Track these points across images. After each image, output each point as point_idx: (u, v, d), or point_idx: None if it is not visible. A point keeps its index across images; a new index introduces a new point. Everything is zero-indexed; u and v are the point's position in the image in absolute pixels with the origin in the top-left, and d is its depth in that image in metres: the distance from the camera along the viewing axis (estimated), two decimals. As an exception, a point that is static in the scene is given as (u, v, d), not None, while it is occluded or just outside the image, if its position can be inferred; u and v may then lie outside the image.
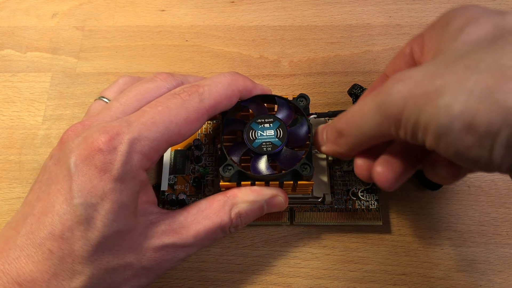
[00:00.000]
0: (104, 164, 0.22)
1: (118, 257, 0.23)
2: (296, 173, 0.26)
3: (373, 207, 0.30)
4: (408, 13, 0.39)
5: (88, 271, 0.22)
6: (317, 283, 0.29)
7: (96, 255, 0.22)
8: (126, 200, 0.23)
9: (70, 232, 0.22)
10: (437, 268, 0.29)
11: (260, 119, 0.27)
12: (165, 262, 0.24)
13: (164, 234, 0.24)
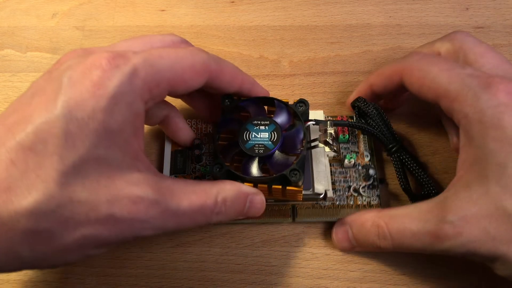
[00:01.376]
0: (101, 79, 0.20)
1: (89, 191, 0.20)
2: (285, 178, 0.26)
3: (374, 202, 0.30)
4: (408, 13, 0.39)
5: (48, 193, 0.19)
6: (317, 283, 0.29)
7: (66, 179, 0.19)
8: (115, 127, 0.20)
9: (43, 144, 0.19)
10: (437, 268, 0.29)
11: (257, 121, 0.27)
12: (137, 222, 0.21)
13: (148, 187, 0.21)
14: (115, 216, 0.20)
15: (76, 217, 0.20)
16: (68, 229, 0.19)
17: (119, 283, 0.29)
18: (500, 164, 0.23)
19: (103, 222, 0.20)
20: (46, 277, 0.29)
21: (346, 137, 0.31)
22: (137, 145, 0.22)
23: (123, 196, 0.20)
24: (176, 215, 0.22)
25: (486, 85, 0.24)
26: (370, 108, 0.30)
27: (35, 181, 0.19)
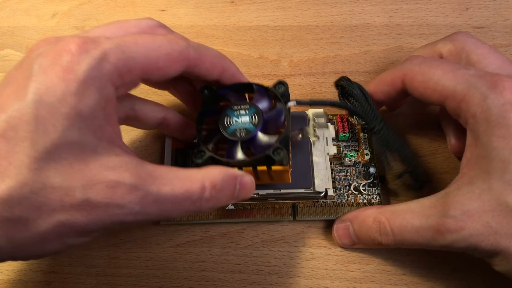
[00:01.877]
0: (71, 64, 0.20)
1: (63, 176, 0.19)
2: (269, 158, 0.25)
3: (375, 200, 0.30)
4: (408, 13, 0.39)
5: (21, 179, 0.18)
6: (317, 283, 0.28)
7: (38, 164, 0.19)
8: (86, 111, 0.20)
9: (14, 131, 0.19)
10: (437, 268, 0.29)
11: (236, 106, 0.27)
12: (114, 208, 0.20)
13: (125, 172, 0.20)
14: (91, 201, 0.20)
15: (51, 203, 0.19)
16: (43, 215, 0.19)
17: (119, 283, 0.29)
18: (504, 160, 0.23)
19: (78, 208, 0.20)
20: (46, 277, 0.29)
21: (347, 135, 0.31)
22: (112, 130, 0.22)
23: (98, 181, 0.20)
24: (158, 201, 0.21)
25: (492, 84, 0.24)
26: (354, 88, 0.30)
27: (7, 168, 0.18)
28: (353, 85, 0.30)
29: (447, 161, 0.32)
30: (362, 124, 0.32)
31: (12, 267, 0.29)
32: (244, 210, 0.30)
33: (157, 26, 0.26)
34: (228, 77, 0.27)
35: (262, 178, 0.27)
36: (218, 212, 0.30)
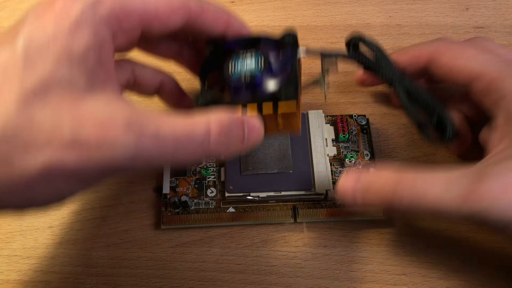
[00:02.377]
0: (64, 8, 0.20)
1: (51, 114, 0.19)
2: (275, 95, 0.24)
3: None
4: (408, 13, 0.39)
5: (7, 115, 0.18)
6: (317, 283, 0.29)
7: (25, 101, 0.18)
8: (78, 50, 0.19)
9: (3, 74, 0.19)
10: (437, 268, 0.29)
11: (242, 53, 0.25)
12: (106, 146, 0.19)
13: (118, 110, 0.20)
14: (81, 140, 0.19)
15: (38, 141, 0.18)
16: (30, 154, 0.18)
17: (119, 283, 0.29)
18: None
19: (67, 147, 0.19)
20: (46, 277, 0.29)
21: (346, 136, 0.32)
22: (105, 74, 0.21)
23: (88, 119, 0.19)
24: (157, 141, 0.20)
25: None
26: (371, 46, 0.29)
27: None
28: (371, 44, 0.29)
29: (447, 161, 0.32)
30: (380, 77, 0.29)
31: (12, 267, 0.29)
32: (245, 213, 0.30)
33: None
34: (233, 31, 0.26)
35: (269, 124, 0.24)
36: (219, 215, 0.30)
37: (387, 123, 0.34)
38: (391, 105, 0.33)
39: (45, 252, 0.30)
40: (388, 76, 0.28)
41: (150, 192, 0.31)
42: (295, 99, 0.23)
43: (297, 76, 0.24)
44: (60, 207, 0.31)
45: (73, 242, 0.30)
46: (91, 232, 0.30)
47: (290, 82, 0.24)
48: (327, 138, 0.31)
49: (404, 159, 0.32)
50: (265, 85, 0.24)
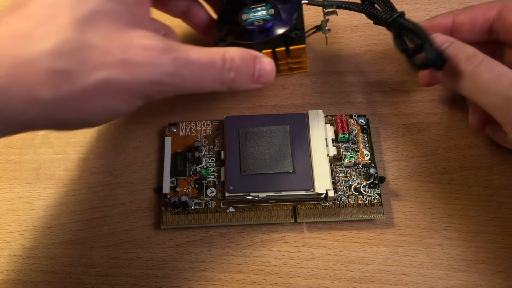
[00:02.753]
0: None
1: (103, 38, 0.21)
2: (287, 37, 0.28)
3: (375, 201, 0.30)
4: (408, 13, 0.39)
5: (65, 36, 0.20)
6: (317, 283, 0.29)
7: (80, 25, 0.21)
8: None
9: (55, 3, 0.21)
10: (437, 268, 0.29)
11: (253, 5, 0.30)
12: (152, 66, 0.22)
13: (156, 40, 0.22)
14: (130, 60, 0.21)
15: (93, 59, 0.21)
16: (87, 70, 0.20)
17: (119, 283, 0.29)
18: None
19: (119, 66, 0.21)
20: (46, 277, 0.29)
21: (346, 136, 0.32)
22: (142, 12, 0.24)
23: (134, 44, 0.22)
24: (188, 64, 0.23)
25: None
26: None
27: (51, 28, 0.20)
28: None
29: (447, 161, 0.32)
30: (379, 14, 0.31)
31: (12, 267, 0.29)
32: (245, 213, 0.30)
33: None
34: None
35: (281, 60, 0.29)
36: (219, 215, 0.30)
37: (387, 123, 0.34)
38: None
39: (45, 252, 0.30)
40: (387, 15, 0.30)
41: (150, 192, 0.31)
42: (304, 43, 0.28)
43: (303, 22, 0.29)
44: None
45: (73, 242, 0.30)
46: (91, 232, 0.30)
47: (298, 28, 0.28)
48: (327, 138, 0.31)
49: (404, 159, 0.32)
50: (276, 28, 0.29)
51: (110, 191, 0.31)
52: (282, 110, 0.34)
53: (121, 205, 0.31)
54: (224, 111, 0.34)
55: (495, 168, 0.32)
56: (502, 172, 0.32)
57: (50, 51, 0.20)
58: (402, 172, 0.32)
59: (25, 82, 0.20)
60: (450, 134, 0.33)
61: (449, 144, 0.33)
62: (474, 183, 0.31)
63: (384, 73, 0.36)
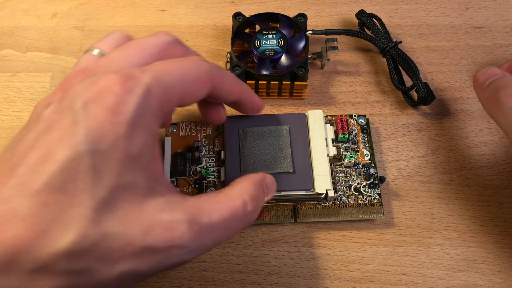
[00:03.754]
0: (117, 105, 0.19)
1: (122, 224, 0.19)
2: (293, 74, 0.32)
3: (375, 201, 0.30)
4: (408, 13, 0.39)
5: (83, 232, 0.18)
6: (317, 283, 0.29)
7: (98, 215, 0.18)
8: (136, 152, 0.20)
9: (72, 184, 0.18)
10: (437, 268, 0.29)
11: (265, 31, 0.34)
12: (175, 249, 0.20)
13: (176, 211, 0.20)
14: (151, 247, 0.19)
15: (113, 254, 0.19)
16: (106, 266, 0.19)
17: (119, 283, 0.29)
18: None
19: (140, 256, 0.19)
20: (46, 277, 0.29)
21: (346, 136, 0.32)
22: (157, 168, 0.22)
23: (155, 225, 0.20)
24: (212, 230, 0.21)
25: None
26: (370, 19, 0.36)
27: (69, 222, 0.18)
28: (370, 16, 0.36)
29: (447, 161, 0.32)
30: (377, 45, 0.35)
31: (12, 267, 0.29)
32: (244, 210, 0.30)
33: (175, 43, 0.25)
34: (245, 98, 0.27)
35: (283, 91, 0.34)
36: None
37: (387, 123, 0.34)
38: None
39: (45, 252, 0.29)
40: (383, 44, 0.35)
41: (150, 192, 0.31)
42: (306, 81, 0.33)
43: (307, 60, 0.33)
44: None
45: (73, 242, 0.30)
46: (91, 232, 0.30)
47: (304, 63, 0.33)
48: (327, 138, 0.31)
49: (404, 159, 0.32)
50: (283, 62, 0.34)
51: (110, 191, 0.31)
52: (282, 110, 0.35)
53: (121, 205, 0.31)
54: (224, 111, 0.34)
55: (495, 168, 0.32)
56: (502, 172, 0.32)
57: (68, 252, 0.18)
58: (402, 172, 0.32)
59: (47, 283, 0.18)
60: (450, 134, 0.33)
61: (449, 144, 0.33)
62: (474, 183, 0.31)
63: (384, 73, 0.36)
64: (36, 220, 0.18)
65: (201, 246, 0.21)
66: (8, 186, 0.18)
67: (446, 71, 0.36)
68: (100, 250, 0.19)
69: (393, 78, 0.34)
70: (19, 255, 0.17)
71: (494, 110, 0.26)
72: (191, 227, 0.20)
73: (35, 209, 0.18)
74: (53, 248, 0.18)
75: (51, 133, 0.19)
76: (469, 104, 0.34)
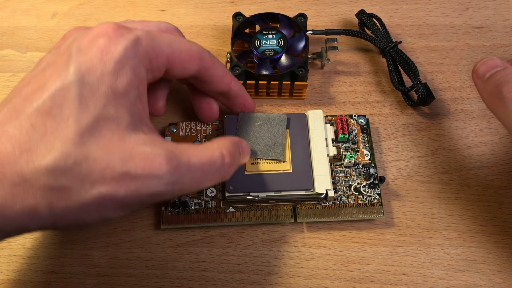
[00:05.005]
0: (108, 45, 0.22)
1: (103, 150, 0.21)
2: (293, 74, 0.32)
3: (375, 201, 0.30)
4: (408, 13, 0.39)
5: (66, 151, 0.20)
6: (317, 283, 0.29)
7: (81, 139, 0.20)
8: (121, 89, 0.22)
9: (59, 109, 0.20)
10: (437, 268, 0.29)
11: (265, 31, 0.34)
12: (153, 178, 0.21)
13: (157, 146, 0.22)
14: (130, 173, 0.21)
15: (93, 175, 0.20)
16: (85, 186, 0.20)
17: (119, 283, 0.29)
18: None
19: (118, 180, 0.21)
20: (46, 277, 0.29)
21: (346, 136, 0.31)
22: (142, 110, 0.23)
23: (136, 154, 0.21)
24: (190, 169, 0.23)
25: None
26: (370, 19, 0.36)
27: (53, 142, 0.20)
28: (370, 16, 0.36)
29: (447, 161, 0.32)
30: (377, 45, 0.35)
31: (12, 267, 0.29)
32: (245, 213, 0.30)
33: (174, 29, 0.28)
34: (235, 91, 0.29)
35: (283, 91, 0.33)
36: (219, 215, 0.30)
37: (387, 123, 0.34)
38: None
39: (45, 252, 0.30)
40: (384, 45, 0.35)
41: (150, 192, 0.31)
42: (306, 81, 0.33)
43: (307, 60, 0.33)
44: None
45: (73, 242, 0.30)
46: (91, 232, 0.30)
47: (304, 63, 0.32)
48: (327, 138, 0.31)
49: (404, 159, 0.32)
50: (283, 62, 0.33)
51: (110, 191, 0.31)
52: (282, 110, 0.35)
53: (121, 205, 0.31)
54: (224, 111, 0.34)
55: (495, 168, 0.32)
56: (502, 172, 0.32)
57: (50, 168, 0.20)
58: (402, 172, 0.32)
59: (26, 199, 0.20)
60: (450, 134, 0.33)
61: (449, 144, 0.33)
62: (474, 183, 0.31)
63: (384, 73, 0.36)
64: (23, 139, 0.20)
65: (178, 182, 0.22)
66: (2, 113, 0.21)
67: (446, 71, 0.36)
68: (80, 170, 0.20)
69: (393, 79, 0.34)
70: (4, 167, 0.19)
71: (496, 106, 0.26)
72: (169, 161, 0.22)
73: (23, 130, 0.20)
74: (37, 164, 0.20)
75: (47, 70, 0.22)
76: (469, 104, 0.34)
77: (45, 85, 0.21)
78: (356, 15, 0.37)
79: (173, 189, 0.22)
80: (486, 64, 0.27)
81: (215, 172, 0.24)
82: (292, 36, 0.35)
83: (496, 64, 0.27)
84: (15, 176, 0.19)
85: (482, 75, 0.27)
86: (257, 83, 0.33)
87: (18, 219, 0.20)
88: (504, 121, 0.25)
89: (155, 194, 0.22)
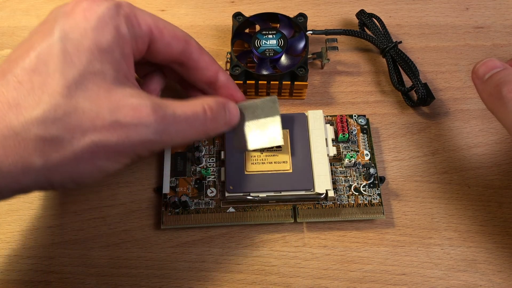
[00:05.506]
0: (91, 5, 0.23)
1: (92, 101, 0.21)
2: (293, 74, 0.32)
3: (375, 201, 0.30)
4: (408, 13, 0.39)
5: (54, 103, 0.21)
6: (317, 283, 0.29)
7: (69, 91, 0.21)
8: (105, 45, 0.22)
9: (45, 66, 0.21)
10: (437, 268, 0.29)
11: (265, 31, 0.34)
12: (141, 126, 0.22)
13: (143, 99, 0.23)
14: (120, 122, 0.22)
15: (83, 124, 0.21)
16: (77, 135, 0.21)
17: (119, 283, 0.29)
18: None
19: (109, 128, 0.22)
20: (46, 277, 0.29)
21: (346, 136, 0.31)
22: (128, 68, 0.24)
23: (123, 105, 0.22)
24: (175, 120, 0.24)
25: None
26: (370, 19, 0.36)
27: (41, 96, 0.21)
28: (370, 16, 0.36)
29: (447, 161, 0.32)
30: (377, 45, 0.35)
31: (12, 267, 0.29)
32: (245, 213, 0.30)
33: None
34: (224, 81, 0.29)
35: (284, 91, 0.33)
36: (219, 215, 0.30)
37: (387, 123, 0.34)
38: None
39: (45, 252, 0.30)
40: (384, 45, 0.35)
41: (150, 192, 0.31)
42: (306, 81, 0.33)
43: (307, 60, 0.33)
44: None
45: (73, 242, 0.30)
46: (91, 232, 0.30)
47: (304, 63, 0.32)
48: (327, 138, 0.31)
49: (404, 159, 0.32)
50: (283, 62, 0.33)
51: (110, 191, 0.31)
52: (282, 110, 0.34)
53: (121, 205, 0.31)
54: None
55: (495, 168, 0.32)
56: (502, 172, 0.32)
57: (40, 119, 0.20)
58: (402, 172, 0.32)
59: (18, 152, 0.20)
60: (450, 134, 0.33)
61: (449, 144, 0.33)
62: (474, 183, 0.31)
63: (384, 73, 0.36)
64: (10, 95, 0.21)
65: (165, 131, 0.23)
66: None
67: (446, 71, 0.36)
68: (70, 121, 0.21)
69: (393, 79, 0.34)
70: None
71: (496, 106, 0.26)
72: (156, 111, 0.23)
73: (10, 87, 0.21)
74: (26, 117, 0.20)
75: (33, 36, 0.23)
76: (469, 104, 0.34)
77: (31, 47, 0.22)
78: (356, 15, 0.37)
79: (161, 138, 0.23)
80: (485, 65, 0.27)
81: (199, 125, 0.25)
82: (292, 36, 0.35)
83: (496, 65, 0.27)
84: (4, 130, 0.20)
85: (481, 76, 0.27)
86: (257, 83, 0.33)
87: (12, 173, 0.20)
88: (504, 122, 0.25)
89: (146, 142, 0.23)
